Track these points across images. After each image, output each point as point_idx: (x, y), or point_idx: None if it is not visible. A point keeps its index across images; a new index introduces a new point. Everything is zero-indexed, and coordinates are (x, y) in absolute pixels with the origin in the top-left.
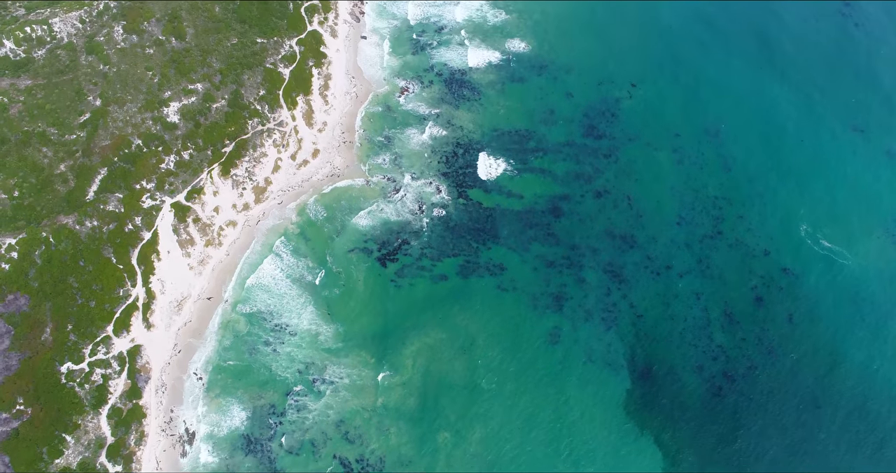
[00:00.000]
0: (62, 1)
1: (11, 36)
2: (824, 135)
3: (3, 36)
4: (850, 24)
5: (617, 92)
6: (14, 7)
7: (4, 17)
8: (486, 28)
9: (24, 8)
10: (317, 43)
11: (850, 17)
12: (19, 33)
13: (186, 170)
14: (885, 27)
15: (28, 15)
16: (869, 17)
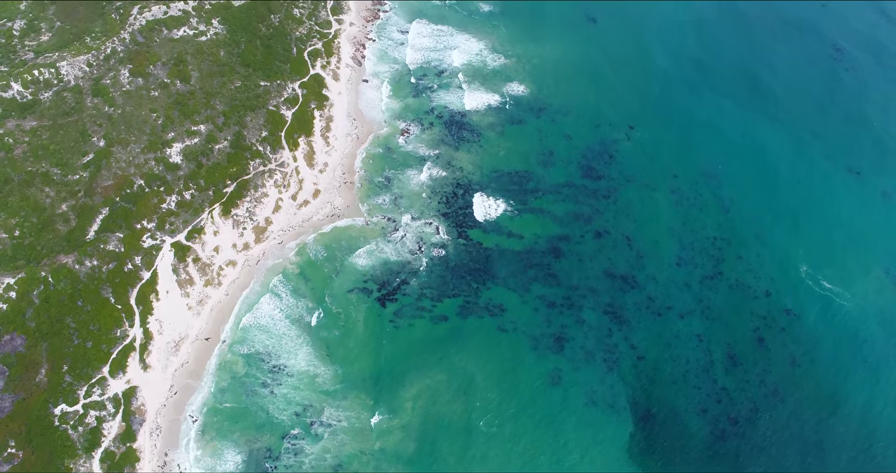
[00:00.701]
0: (71, 45)
1: (20, 78)
2: (820, 177)
3: (11, 78)
4: (842, 69)
5: (614, 134)
6: (24, 51)
7: (13, 60)
8: (485, 72)
9: (33, 52)
10: (319, 86)
11: (840, 62)
12: (27, 76)
13: (187, 210)
14: (876, 72)
15: (37, 59)
16: (860, 62)
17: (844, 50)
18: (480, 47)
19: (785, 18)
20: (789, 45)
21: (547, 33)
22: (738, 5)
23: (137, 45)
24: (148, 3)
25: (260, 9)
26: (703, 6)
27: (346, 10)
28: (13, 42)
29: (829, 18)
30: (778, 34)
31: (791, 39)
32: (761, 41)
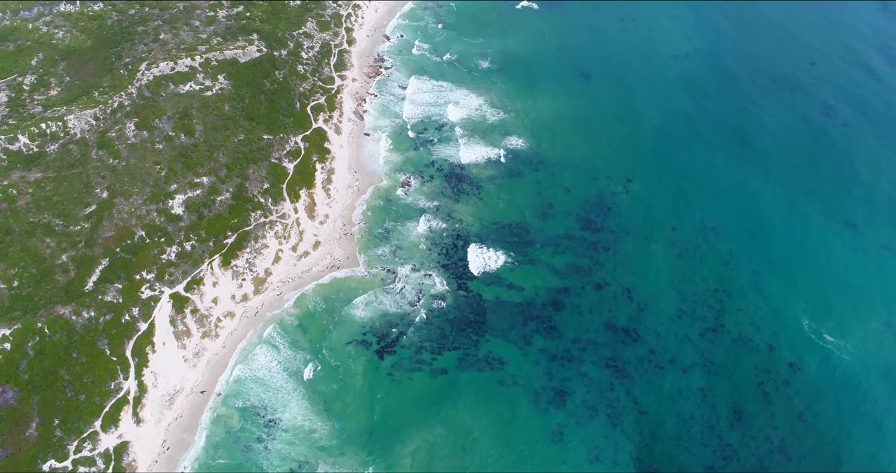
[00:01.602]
0: (79, 99)
1: (27, 131)
2: (818, 230)
3: (18, 131)
4: (833, 126)
5: (612, 187)
6: (32, 105)
7: (22, 114)
8: (484, 126)
9: (42, 106)
10: (321, 139)
11: (832, 118)
12: (34, 129)
13: (187, 261)
14: (866, 129)
15: (45, 112)
16: (850, 119)
17: (835, 107)
18: (480, 102)
19: (775, 77)
20: (780, 101)
21: (544, 89)
22: (728, 65)
23: (144, 99)
24: (156, 60)
25: (265, 65)
26: (694, 65)
27: (349, 66)
28: (22, 96)
29: (817, 77)
30: (769, 91)
31: (782, 97)
32: (753, 98)
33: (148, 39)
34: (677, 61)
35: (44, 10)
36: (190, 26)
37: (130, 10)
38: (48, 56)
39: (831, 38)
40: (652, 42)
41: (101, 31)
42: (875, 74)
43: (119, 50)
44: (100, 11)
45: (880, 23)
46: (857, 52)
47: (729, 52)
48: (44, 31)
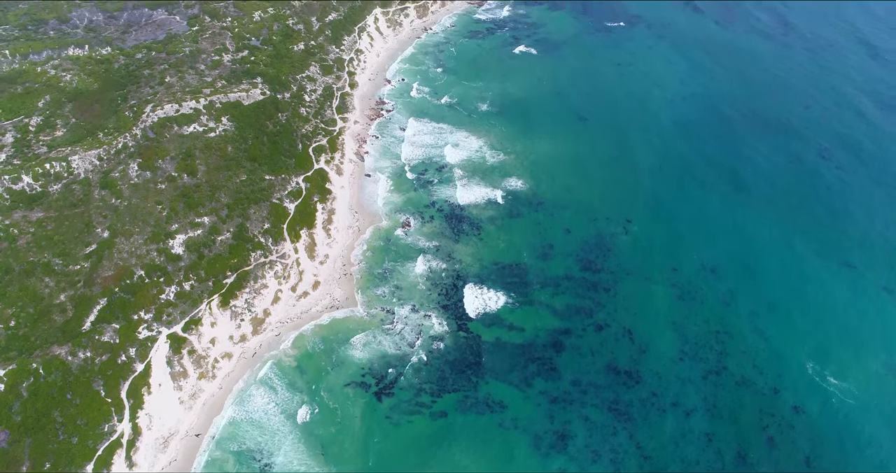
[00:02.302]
0: (84, 140)
1: (31, 171)
2: (818, 271)
3: (22, 171)
4: (831, 167)
5: (612, 228)
6: (38, 146)
7: (27, 154)
8: (484, 167)
9: (47, 146)
10: (323, 180)
11: (829, 160)
12: (38, 169)
13: (186, 301)
14: (862, 172)
15: (49, 152)
16: (846, 162)
17: (829, 150)
18: (479, 144)
19: (769, 120)
20: (776, 144)
21: (543, 132)
22: (722, 109)
23: (148, 140)
24: (161, 102)
25: (268, 107)
26: (689, 109)
27: (351, 108)
28: (28, 137)
29: (811, 120)
30: (765, 135)
31: (777, 140)
32: (748, 141)
33: (154, 82)
34: (673, 105)
35: (53, 54)
36: (195, 70)
37: (138, 54)
38: (55, 98)
39: (823, 84)
40: (648, 86)
41: (109, 75)
42: (867, 118)
43: (125, 92)
44: (108, 55)
45: (870, 69)
46: (849, 96)
47: (723, 97)
48: (52, 74)
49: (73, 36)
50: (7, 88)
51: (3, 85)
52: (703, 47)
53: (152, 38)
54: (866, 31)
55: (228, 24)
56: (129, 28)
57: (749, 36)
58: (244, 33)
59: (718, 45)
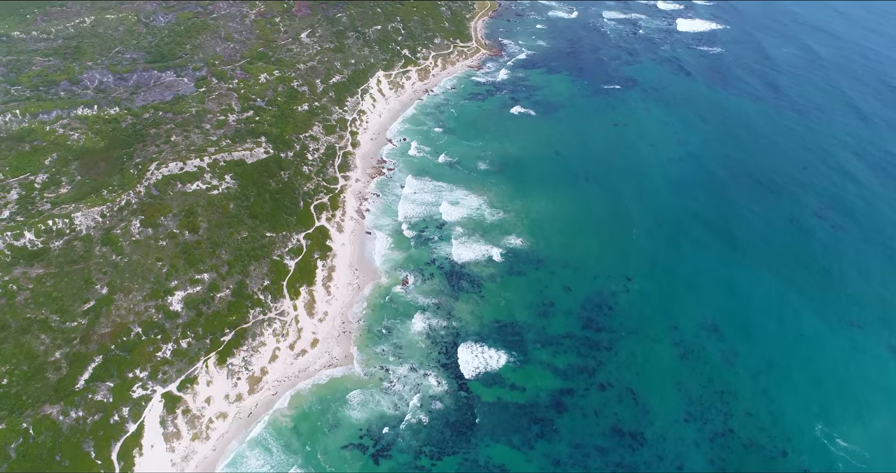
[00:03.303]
0: (87, 197)
1: (33, 228)
2: (823, 331)
3: (25, 228)
4: (828, 227)
5: (612, 285)
6: (42, 203)
7: (30, 211)
8: (484, 225)
9: (50, 203)
10: (323, 237)
11: (825, 220)
12: (41, 226)
13: (182, 359)
14: (862, 231)
15: (53, 209)
16: (843, 221)
17: (825, 210)
18: (479, 202)
19: (763, 180)
20: (775, 204)
21: (542, 190)
22: (717, 169)
23: (151, 197)
24: (166, 160)
25: (271, 166)
26: (686, 169)
27: (353, 167)
28: (33, 194)
29: (804, 181)
30: (763, 195)
31: (774, 200)
32: (746, 201)
33: (160, 141)
34: (670, 165)
35: (62, 114)
36: (201, 129)
37: (145, 113)
38: (62, 156)
39: (813, 145)
40: (644, 147)
41: (116, 133)
42: (858, 179)
43: (131, 151)
44: (116, 115)
45: (858, 131)
46: (840, 158)
47: (717, 157)
48: (60, 133)
49: (83, 96)
50: (15, 146)
51: (12, 143)
52: (696, 109)
53: (160, 99)
54: (853, 95)
55: (235, 85)
56: (139, 89)
57: (740, 99)
58: (250, 94)
59: (711, 107)
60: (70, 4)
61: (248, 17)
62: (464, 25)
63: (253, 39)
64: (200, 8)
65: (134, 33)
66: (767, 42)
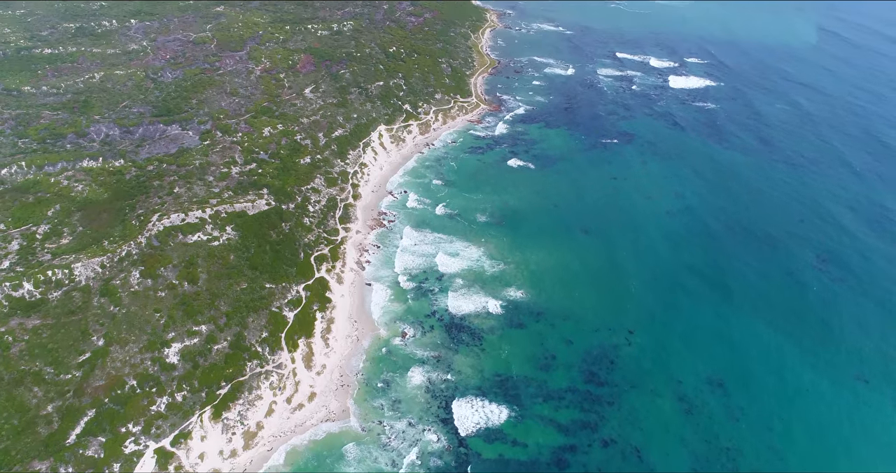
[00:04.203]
0: (88, 248)
1: (32, 278)
2: (829, 385)
3: (24, 278)
4: (824, 280)
5: (614, 339)
6: (42, 253)
7: (31, 261)
8: (484, 277)
9: (51, 254)
10: (323, 288)
11: (823, 273)
12: (40, 276)
13: (177, 413)
14: (857, 285)
15: (53, 260)
16: (840, 275)
17: (823, 263)
18: (479, 254)
19: (758, 234)
20: (769, 258)
21: (542, 242)
22: (714, 222)
23: (152, 248)
24: (168, 211)
25: (272, 217)
26: (684, 222)
27: (354, 219)
28: (34, 244)
29: (800, 235)
30: (757, 248)
31: (769, 253)
32: (745, 254)
33: (163, 193)
34: (668, 217)
35: (67, 166)
36: (204, 181)
37: (149, 166)
38: (65, 207)
39: (807, 199)
40: (642, 200)
41: (120, 185)
42: (852, 233)
43: (134, 202)
44: (120, 167)
45: (850, 185)
46: (833, 212)
47: (713, 210)
48: (64, 184)
49: (89, 149)
50: (19, 197)
51: (17, 194)
52: (691, 164)
53: (165, 152)
54: (843, 150)
55: (239, 138)
56: (144, 142)
57: (733, 153)
58: (253, 147)
59: (706, 161)
60: (81, 60)
61: (253, 74)
62: (464, 81)
63: (258, 94)
64: (208, 64)
65: (142, 88)
66: (758, 98)
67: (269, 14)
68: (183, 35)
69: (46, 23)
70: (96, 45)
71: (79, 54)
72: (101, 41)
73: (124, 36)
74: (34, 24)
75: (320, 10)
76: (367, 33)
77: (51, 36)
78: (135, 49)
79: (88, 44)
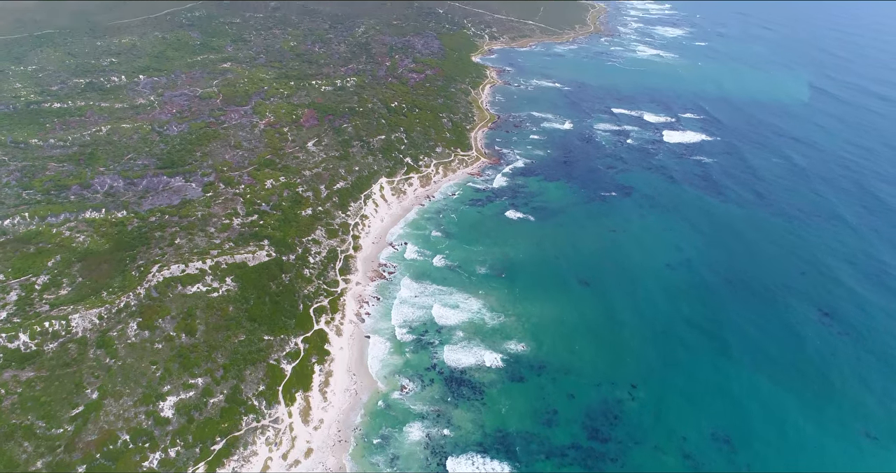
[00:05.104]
0: (87, 299)
1: (28, 330)
2: (837, 442)
3: (20, 330)
4: (826, 335)
5: (617, 393)
6: (40, 304)
7: (28, 312)
8: (485, 330)
9: (49, 305)
10: (321, 341)
11: (831, 326)
12: (37, 327)
13: (170, 469)
14: (868, 337)
15: (51, 311)
16: (847, 328)
17: (820, 318)
18: (479, 306)
19: (756, 287)
20: (770, 312)
21: (543, 295)
22: (714, 275)
23: (151, 299)
24: (168, 263)
25: (273, 268)
26: (685, 274)
27: (354, 270)
28: (32, 295)
29: (800, 290)
30: (759, 302)
31: (770, 307)
32: (740, 308)
33: (164, 243)
34: (668, 271)
35: (70, 217)
36: (205, 232)
37: (151, 217)
38: (65, 258)
39: (804, 252)
40: (642, 252)
41: (121, 236)
42: (851, 288)
43: (134, 253)
44: (122, 218)
45: (847, 239)
46: (832, 266)
47: (712, 263)
48: (66, 235)
49: (93, 200)
50: (21, 248)
51: (18, 245)
52: (689, 217)
53: (167, 203)
54: (838, 203)
55: (241, 190)
56: (147, 193)
57: (729, 206)
58: (255, 199)
59: (703, 214)
60: (89, 114)
61: (257, 127)
62: (464, 135)
63: (261, 147)
64: (213, 118)
65: (147, 141)
66: (752, 153)
67: (274, 70)
68: (190, 90)
69: (57, 78)
70: (105, 100)
71: (87, 108)
72: (109, 96)
73: (132, 91)
74: (45, 80)
75: (324, 67)
76: (370, 89)
77: (61, 91)
78: (142, 103)
79: (97, 98)
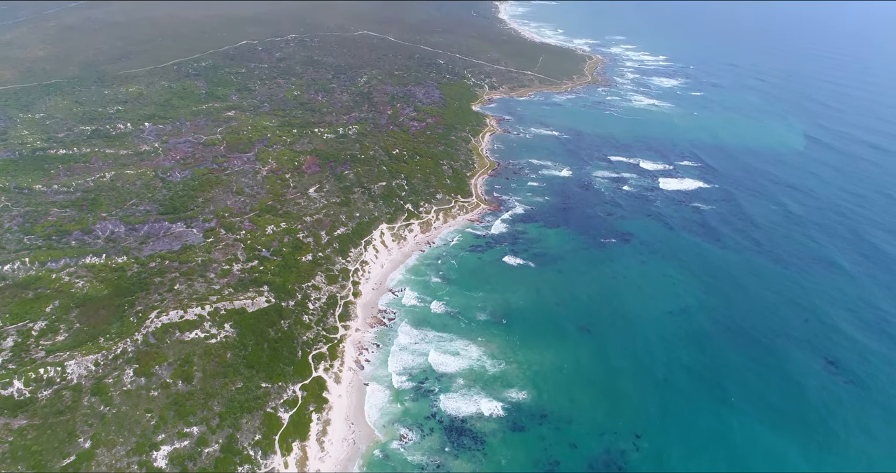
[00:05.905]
0: (84, 345)
1: (23, 376)
2: None
3: (15, 376)
4: (829, 384)
5: (621, 443)
6: (36, 350)
7: (24, 358)
8: (485, 377)
9: (45, 351)
10: (320, 388)
11: (836, 375)
12: (32, 374)
13: None
14: (863, 388)
15: (47, 357)
16: (848, 376)
17: (840, 364)
18: (480, 353)
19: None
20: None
21: (544, 342)
22: (714, 323)
23: (149, 345)
24: (167, 308)
25: (272, 315)
26: (688, 322)
27: (353, 316)
28: (28, 341)
29: (801, 339)
30: (763, 350)
31: (772, 356)
32: (743, 357)
33: (163, 289)
34: (670, 318)
35: (70, 262)
36: (205, 278)
37: (151, 262)
38: (64, 303)
39: (804, 301)
40: (643, 299)
41: (121, 281)
42: (852, 337)
43: (133, 298)
44: (122, 263)
45: (846, 288)
46: (833, 315)
47: (712, 311)
48: (66, 281)
49: (93, 246)
50: (19, 293)
51: (17, 290)
52: (688, 264)
53: (168, 249)
54: (834, 251)
55: (242, 236)
56: (148, 239)
57: (726, 252)
58: (256, 245)
59: (702, 261)
60: (93, 160)
61: (259, 174)
62: (465, 182)
63: (263, 193)
64: (216, 165)
65: (150, 187)
66: (749, 200)
67: (277, 118)
68: (194, 137)
69: (64, 125)
70: (110, 147)
71: (92, 154)
72: (114, 143)
73: (137, 138)
74: (52, 127)
75: (327, 115)
76: (372, 136)
77: (66, 138)
78: (147, 150)
79: (102, 145)
